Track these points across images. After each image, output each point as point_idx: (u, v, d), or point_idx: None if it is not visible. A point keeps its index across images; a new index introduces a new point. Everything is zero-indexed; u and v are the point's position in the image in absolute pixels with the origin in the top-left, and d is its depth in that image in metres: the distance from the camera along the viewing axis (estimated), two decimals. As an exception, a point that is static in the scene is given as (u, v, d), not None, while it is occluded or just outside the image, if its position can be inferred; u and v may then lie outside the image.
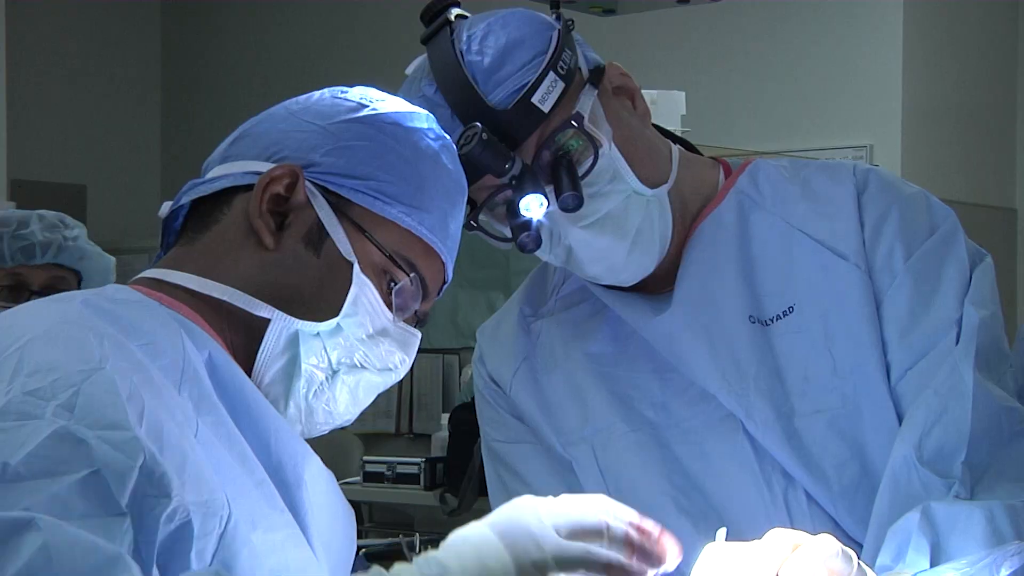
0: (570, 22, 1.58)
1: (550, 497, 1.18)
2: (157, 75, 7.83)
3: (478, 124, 1.48)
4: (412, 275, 1.34)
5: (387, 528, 5.66)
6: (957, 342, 1.53)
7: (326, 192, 1.31)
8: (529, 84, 1.51)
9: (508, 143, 1.50)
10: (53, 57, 7.22)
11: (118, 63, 7.58)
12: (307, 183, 1.31)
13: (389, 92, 1.52)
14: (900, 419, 1.54)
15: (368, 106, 1.36)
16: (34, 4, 6.85)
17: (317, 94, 1.38)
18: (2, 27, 5.20)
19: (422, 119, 1.38)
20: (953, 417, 1.48)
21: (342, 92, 1.38)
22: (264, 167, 1.32)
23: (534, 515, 1.16)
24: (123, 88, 7.59)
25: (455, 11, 1.58)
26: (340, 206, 1.31)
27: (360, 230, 1.31)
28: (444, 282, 1.40)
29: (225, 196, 1.33)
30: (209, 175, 1.36)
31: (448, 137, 1.40)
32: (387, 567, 1.14)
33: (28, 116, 6.60)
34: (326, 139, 1.33)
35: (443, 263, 1.38)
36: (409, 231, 1.33)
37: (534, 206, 1.52)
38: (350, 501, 1.42)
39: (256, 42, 7.50)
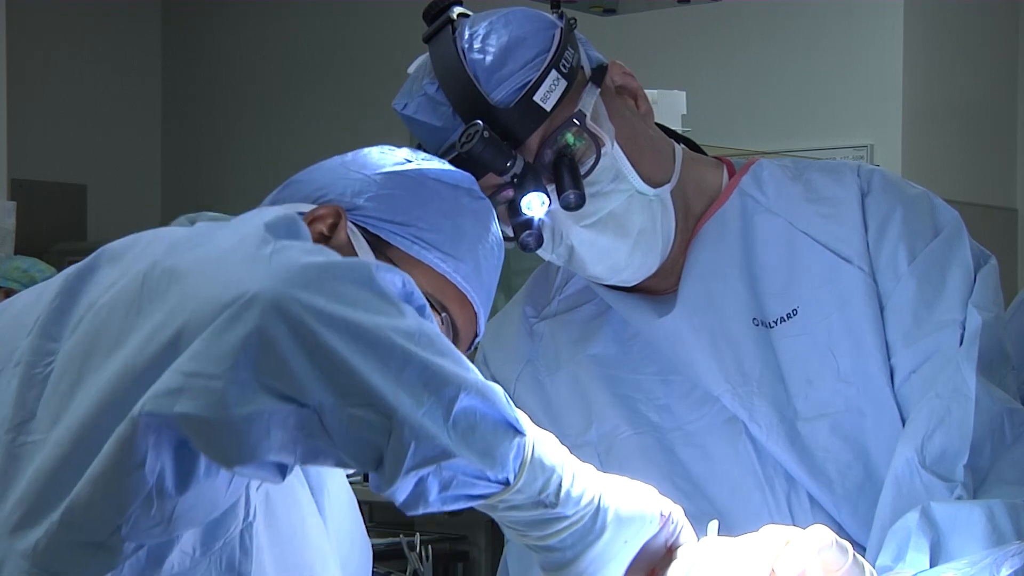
0: (572, 20, 1.58)
1: None
2: (157, 75, 7.83)
3: (480, 122, 1.48)
4: (444, 314, 1.37)
5: (387, 528, 5.66)
6: (961, 344, 1.53)
7: (366, 233, 1.36)
8: (531, 82, 1.51)
9: (510, 141, 1.50)
10: (53, 57, 7.23)
11: (118, 63, 7.58)
12: (349, 224, 1.36)
13: (391, 91, 1.53)
14: (904, 422, 1.54)
15: (413, 162, 1.42)
16: (34, 4, 6.85)
17: (366, 150, 1.44)
18: (2, 27, 5.20)
19: (465, 180, 1.43)
20: (955, 420, 1.48)
21: (389, 149, 1.44)
22: (310, 208, 1.37)
23: None
24: (123, 88, 7.60)
25: (457, 9, 1.57)
26: (379, 247, 1.36)
27: None
28: (476, 335, 1.43)
29: None
30: None
31: (488, 199, 1.44)
32: (390, 567, 1.20)
33: (28, 116, 6.60)
34: (370, 186, 1.38)
35: (476, 314, 1.41)
36: (444, 277, 1.37)
37: (536, 205, 1.52)
38: None
39: (256, 42, 7.50)
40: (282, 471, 1.07)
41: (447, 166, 1.43)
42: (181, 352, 1.02)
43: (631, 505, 1.20)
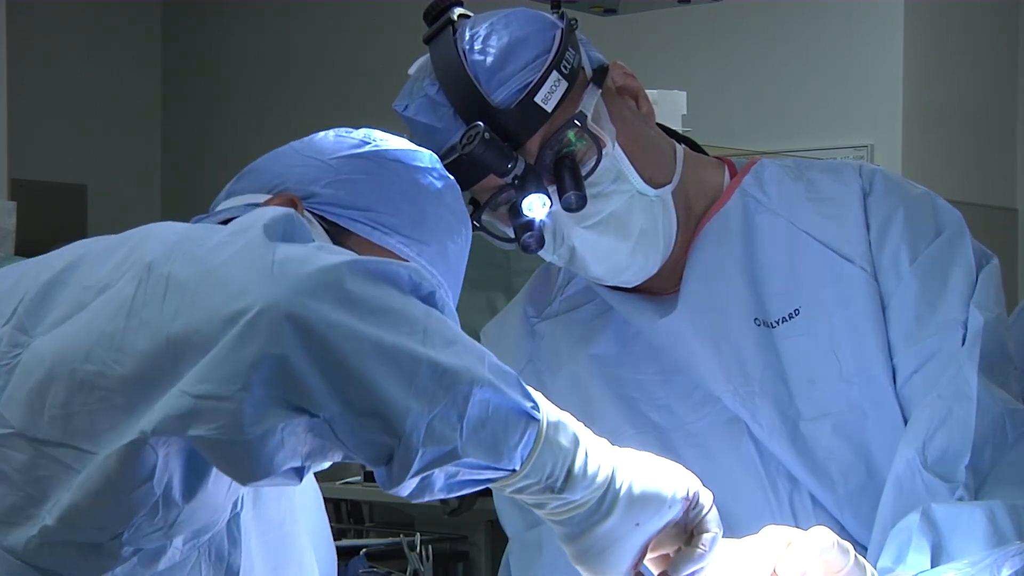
0: (573, 21, 1.58)
1: None
2: (157, 75, 7.82)
3: (480, 124, 1.48)
4: None
5: (387, 528, 5.66)
6: (963, 345, 1.53)
7: (324, 221, 1.32)
8: (532, 83, 1.51)
9: (511, 143, 1.50)
10: (53, 57, 7.22)
11: (118, 63, 7.58)
12: (306, 212, 1.31)
13: (391, 92, 1.52)
14: (906, 422, 1.54)
15: (371, 144, 1.37)
16: (34, 4, 6.84)
17: (321, 134, 1.39)
18: (2, 27, 5.19)
19: (425, 159, 1.38)
20: (957, 420, 1.48)
21: (346, 132, 1.39)
22: (264, 199, 1.33)
23: None
24: (123, 88, 7.59)
25: (458, 10, 1.57)
26: (338, 235, 1.32)
27: None
28: None
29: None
30: (215, 211, 1.37)
31: (452, 177, 1.40)
32: (390, 567, 1.20)
33: (28, 116, 6.59)
34: (327, 172, 1.34)
35: None
36: (408, 262, 1.33)
37: (537, 206, 1.52)
38: (350, 501, 1.46)
39: (256, 42, 7.50)
40: (299, 474, 1.07)
41: (408, 145, 1.39)
42: (183, 366, 1.00)
43: (647, 485, 1.19)
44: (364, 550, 4.56)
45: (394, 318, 1.03)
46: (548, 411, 1.14)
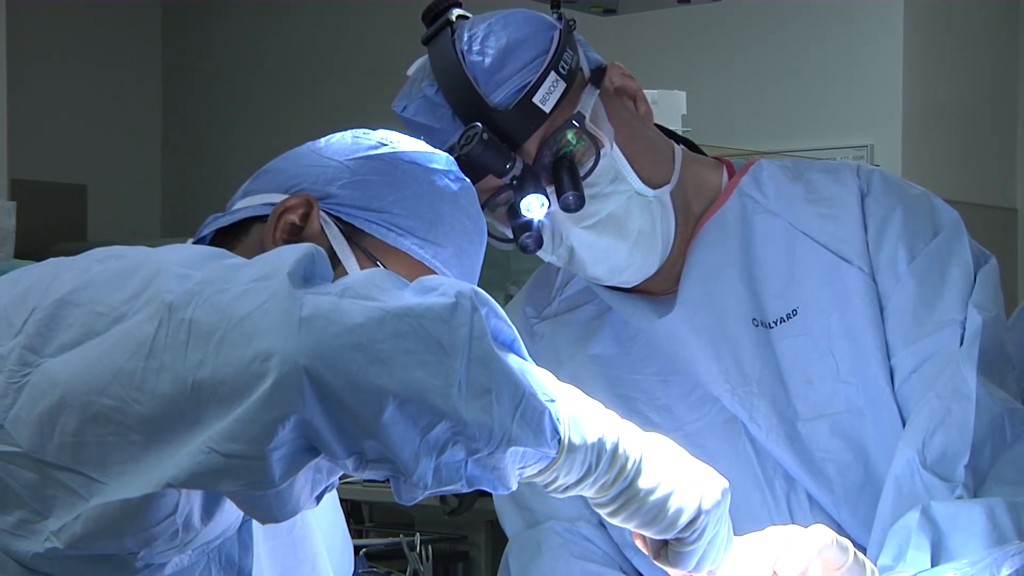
0: (572, 22, 1.58)
1: None
2: (157, 75, 7.82)
3: (479, 124, 1.48)
4: None
5: (387, 528, 5.65)
6: (961, 344, 1.53)
7: (340, 222, 1.32)
8: (530, 84, 1.51)
9: (509, 143, 1.50)
10: (53, 57, 7.22)
11: (118, 63, 7.57)
12: (321, 213, 1.32)
13: (390, 92, 1.52)
14: (904, 422, 1.54)
15: (388, 145, 1.37)
16: (34, 4, 6.85)
17: (339, 135, 1.39)
18: (2, 27, 5.19)
19: (442, 161, 1.38)
20: (956, 420, 1.48)
21: (364, 133, 1.39)
22: (281, 198, 1.33)
23: None
24: (123, 88, 7.59)
25: (456, 11, 1.58)
26: (353, 236, 1.32)
27: (372, 259, 1.31)
28: None
29: (244, 226, 1.35)
30: (232, 210, 1.37)
31: (468, 180, 1.40)
32: (390, 567, 1.22)
33: (28, 116, 6.59)
34: (343, 173, 1.34)
35: None
36: (422, 264, 1.33)
37: (535, 206, 1.52)
38: (350, 501, 1.47)
39: (256, 42, 7.50)
40: (318, 499, 1.11)
41: (424, 147, 1.39)
42: (205, 415, 1.01)
43: (662, 493, 1.21)
44: (364, 550, 4.55)
45: (429, 369, 1.04)
46: (570, 437, 1.15)
